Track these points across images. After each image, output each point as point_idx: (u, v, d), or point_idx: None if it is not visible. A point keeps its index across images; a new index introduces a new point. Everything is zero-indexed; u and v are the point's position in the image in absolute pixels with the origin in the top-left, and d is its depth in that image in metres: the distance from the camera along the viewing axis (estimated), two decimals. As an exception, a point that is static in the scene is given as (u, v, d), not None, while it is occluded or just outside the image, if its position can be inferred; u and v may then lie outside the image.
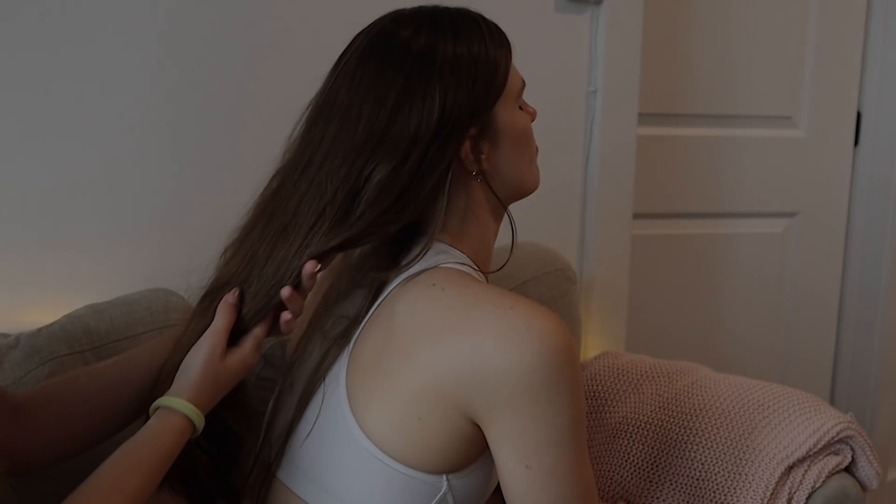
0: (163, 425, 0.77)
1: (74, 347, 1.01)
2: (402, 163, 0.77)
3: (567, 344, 0.73)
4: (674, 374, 1.27)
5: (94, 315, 1.05)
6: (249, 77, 1.26)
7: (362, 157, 0.78)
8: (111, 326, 1.05)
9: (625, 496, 1.18)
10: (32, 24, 1.12)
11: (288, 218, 0.80)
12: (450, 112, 0.78)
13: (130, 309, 1.07)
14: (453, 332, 0.75)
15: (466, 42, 0.80)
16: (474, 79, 0.80)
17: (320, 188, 0.78)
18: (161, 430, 0.77)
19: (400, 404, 0.76)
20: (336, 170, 0.78)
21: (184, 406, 0.77)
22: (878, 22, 1.84)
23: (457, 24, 0.82)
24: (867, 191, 1.91)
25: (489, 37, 0.82)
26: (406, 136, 0.77)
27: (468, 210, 0.84)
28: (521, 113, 0.87)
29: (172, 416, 0.77)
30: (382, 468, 0.78)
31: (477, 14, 0.85)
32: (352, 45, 0.84)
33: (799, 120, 1.85)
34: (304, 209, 0.79)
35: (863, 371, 1.98)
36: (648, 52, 1.60)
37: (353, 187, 0.78)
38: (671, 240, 1.81)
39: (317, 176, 0.79)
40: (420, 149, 0.78)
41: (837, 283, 1.96)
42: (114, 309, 1.07)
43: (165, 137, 1.23)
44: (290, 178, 0.82)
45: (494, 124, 0.82)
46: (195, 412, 0.78)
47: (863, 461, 1.13)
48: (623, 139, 1.58)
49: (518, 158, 0.86)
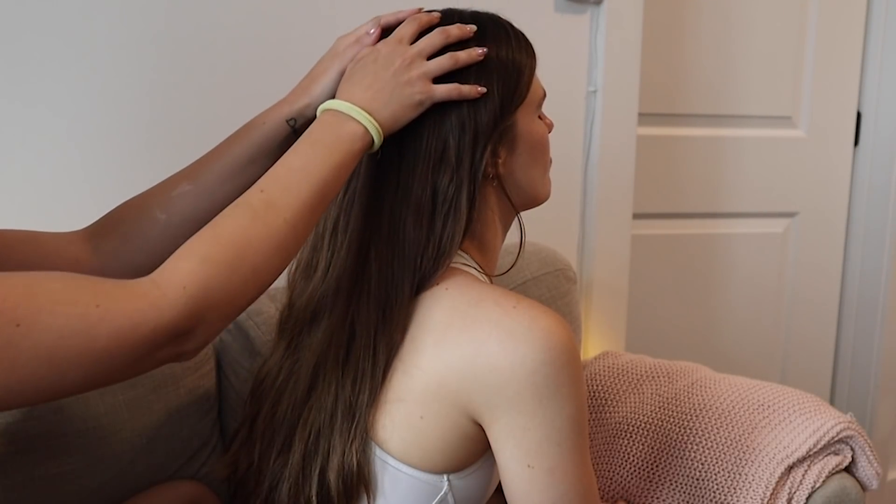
0: (336, 133, 0.72)
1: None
2: (451, 170, 0.78)
3: (570, 344, 0.73)
4: (674, 374, 1.27)
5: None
6: (251, 78, 1.26)
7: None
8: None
9: (625, 496, 1.18)
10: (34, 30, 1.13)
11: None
12: (477, 115, 0.79)
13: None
14: (456, 332, 0.75)
15: (494, 45, 0.81)
16: (501, 82, 0.80)
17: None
18: (335, 137, 0.72)
19: (402, 403, 0.76)
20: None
21: (366, 119, 0.73)
22: (878, 22, 1.84)
23: (485, 27, 0.82)
24: (867, 191, 1.91)
25: (516, 43, 0.83)
26: (443, 144, 0.78)
27: (479, 213, 0.84)
28: (539, 122, 0.87)
29: (350, 126, 0.72)
30: (383, 467, 0.78)
31: (505, 20, 0.85)
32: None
33: (799, 120, 1.85)
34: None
35: (863, 371, 1.98)
36: (648, 52, 1.60)
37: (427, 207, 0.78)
38: (671, 240, 1.81)
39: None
40: (462, 153, 0.78)
41: (837, 283, 1.96)
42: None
43: (165, 137, 1.23)
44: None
45: (514, 130, 0.83)
46: (374, 124, 0.73)
47: (863, 461, 1.13)
48: (623, 139, 1.58)
49: (533, 166, 0.86)
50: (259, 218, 0.66)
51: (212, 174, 0.84)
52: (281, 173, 0.70)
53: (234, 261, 0.63)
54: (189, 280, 0.62)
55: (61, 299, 0.58)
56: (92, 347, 0.58)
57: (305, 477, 0.80)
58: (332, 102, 0.76)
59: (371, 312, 0.78)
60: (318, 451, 0.80)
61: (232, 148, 0.85)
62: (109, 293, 0.60)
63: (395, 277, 0.78)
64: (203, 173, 0.84)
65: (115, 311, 0.59)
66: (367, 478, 0.78)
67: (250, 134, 0.85)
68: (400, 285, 0.77)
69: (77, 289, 0.59)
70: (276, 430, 0.84)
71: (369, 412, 0.77)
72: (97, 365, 0.58)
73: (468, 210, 0.78)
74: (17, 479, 0.93)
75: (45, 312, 0.57)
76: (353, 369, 0.78)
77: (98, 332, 0.58)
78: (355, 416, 0.77)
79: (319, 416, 0.80)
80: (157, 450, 1.02)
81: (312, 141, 0.72)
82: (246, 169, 0.84)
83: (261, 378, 0.90)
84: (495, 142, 0.81)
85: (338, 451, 0.78)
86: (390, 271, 0.78)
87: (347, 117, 0.74)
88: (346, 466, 0.77)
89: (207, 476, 1.07)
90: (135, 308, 0.60)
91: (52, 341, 0.57)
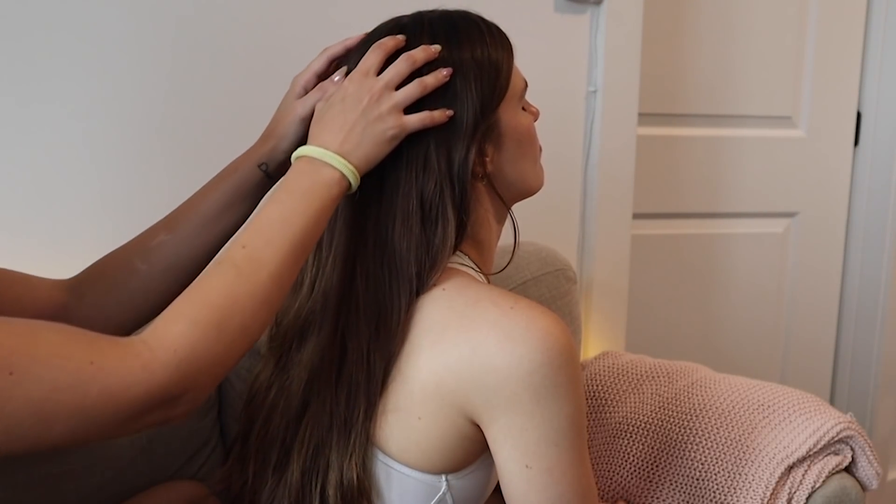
0: (312, 180, 0.72)
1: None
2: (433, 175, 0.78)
3: (567, 344, 0.73)
4: (674, 374, 1.27)
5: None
6: (247, 80, 1.26)
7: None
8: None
9: (625, 496, 1.18)
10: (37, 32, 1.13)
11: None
12: (459, 118, 0.78)
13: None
14: (454, 332, 0.75)
15: (469, 46, 0.80)
16: (480, 81, 0.79)
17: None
18: (311, 184, 0.72)
19: (400, 404, 0.76)
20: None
21: (339, 162, 0.73)
22: (878, 22, 1.84)
23: (457, 28, 0.81)
24: (867, 191, 1.91)
25: (490, 39, 0.82)
26: (425, 150, 0.78)
27: (472, 213, 0.84)
28: (524, 114, 0.86)
29: (325, 172, 0.73)
30: (381, 468, 0.78)
31: (476, 16, 0.84)
32: (354, 56, 0.83)
33: (799, 120, 1.85)
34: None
35: (863, 371, 1.98)
36: (648, 52, 1.60)
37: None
38: (671, 240, 1.81)
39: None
40: (439, 157, 0.78)
41: (837, 283, 1.96)
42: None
43: (165, 138, 1.23)
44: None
45: (498, 127, 0.82)
46: (349, 168, 0.73)
47: (863, 461, 1.13)
48: (623, 139, 1.58)
49: (522, 159, 0.86)
50: (243, 275, 0.66)
51: (189, 223, 0.86)
52: (261, 226, 0.70)
53: (221, 322, 0.64)
54: (179, 343, 0.62)
55: (57, 352, 0.58)
56: (82, 404, 0.58)
57: (305, 495, 0.80)
58: (305, 149, 0.75)
59: (362, 327, 0.77)
60: (316, 468, 0.79)
61: (207, 197, 0.87)
62: (104, 351, 0.60)
63: (386, 290, 0.77)
64: (180, 223, 0.86)
65: (108, 369, 0.59)
66: (368, 490, 0.78)
67: (223, 182, 0.87)
68: (393, 297, 0.77)
69: (74, 343, 0.60)
70: (269, 448, 0.84)
71: (367, 425, 0.77)
72: (84, 422, 0.59)
73: (457, 213, 0.78)
74: (17, 479, 0.93)
75: (40, 363, 0.57)
76: (347, 384, 0.78)
77: (89, 388, 0.58)
78: (351, 432, 0.77)
79: (316, 432, 0.80)
80: (156, 450, 1.02)
81: (290, 190, 0.72)
82: (222, 216, 0.86)
83: (252, 394, 0.89)
84: (480, 141, 0.80)
85: (335, 468, 0.78)
86: (380, 284, 0.77)
87: (322, 163, 0.74)
88: (346, 482, 0.77)
89: (207, 476, 1.07)
90: (127, 369, 0.60)
91: (43, 393, 0.57)
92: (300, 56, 1.27)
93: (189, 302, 0.65)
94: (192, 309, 0.64)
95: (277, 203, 0.71)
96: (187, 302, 0.65)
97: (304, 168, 0.74)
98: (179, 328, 0.62)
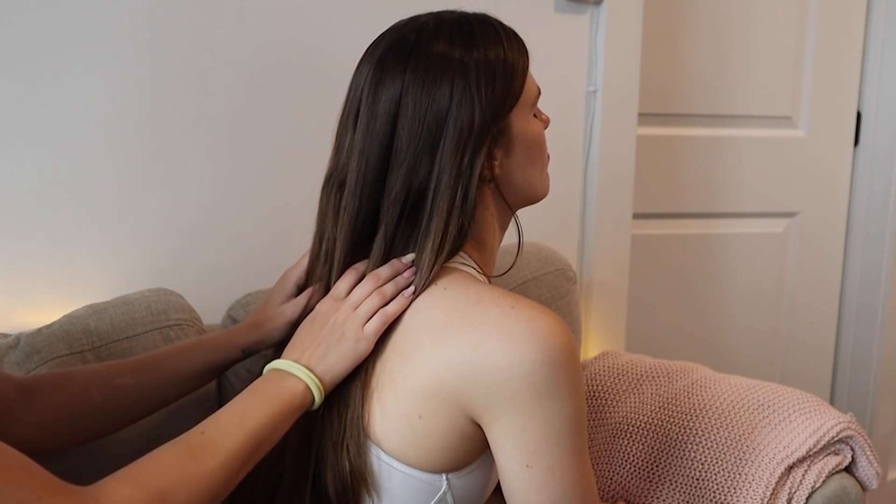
0: (276, 385, 0.77)
1: (74, 347, 1.01)
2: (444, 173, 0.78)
3: (568, 343, 0.73)
4: (674, 374, 1.27)
5: (94, 315, 1.05)
6: (250, 83, 1.26)
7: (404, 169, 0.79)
8: (111, 326, 1.05)
9: (625, 496, 1.18)
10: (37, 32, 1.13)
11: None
12: (471, 120, 0.78)
13: (130, 309, 1.07)
14: (455, 331, 0.75)
15: (484, 48, 0.80)
16: (493, 85, 0.79)
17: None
18: (275, 389, 0.77)
19: (401, 403, 0.76)
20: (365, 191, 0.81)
21: (303, 373, 0.78)
22: (878, 22, 1.84)
23: (475, 30, 0.81)
24: (867, 191, 1.91)
25: (507, 42, 0.82)
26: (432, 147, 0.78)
27: (476, 215, 0.83)
28: (535, 121, 0.86)
29: (290, 381, 0.78)
30: (382, 466, 0.78)
31: (495, 20, 0.84)
32: (369, 54, 0.83)
33: (799, 120, 1.85)
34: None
35: (863, 371, 1.98)
36: (648, 52, 1.60)
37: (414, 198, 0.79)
38: (671, 240, 1.81)
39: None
40: (447, 156, 0.78)
41: (837, 284, 1.97)
42: (114, 309, 1.07)
43: (165, 139, 1.23)
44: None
45: (509, 131, 0.82)
46: (312, 378, 0.78)
47: (863, 461, 1.13)
48: (623, 139, 1.58)
49: (530, 166, 0.86)
50: (196, 458, 0.70)
51: (157, 376, 0.90)
52: (222, 418, 0.74)
53: (167, 495, 0.66)
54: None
55: (12, 477, 0.59)
56: None
57: (301, 486, 0.81)
58: (276, 362, 0.80)
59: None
60: (311, 460, 0.81)
61: (183, 358, 0.91)
62: (55, 492, 0.61)
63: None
64: (148, 372, 0.90)
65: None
66: (365, 481, 0.79)
67: (203, 352, 0.92)
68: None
69: (29, 475, 0.61)
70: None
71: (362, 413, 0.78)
72: None
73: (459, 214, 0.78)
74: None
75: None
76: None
77: None
78: (344, 424, 0.79)
79: (308, 425, 0.81)
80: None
81: (255, 391, 0.77)
82: (192, 381, 0.92)
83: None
84: (490, 145, 0.80)
85: (330, 459, 0.79)
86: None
87: (288, 374, 0.78)
88: (340, 473, 0.79)
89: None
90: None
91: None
92: (306, 59, 1.28)
93: (141, 469, 0.67)
94: (142, 476, 0.66)
95: (241, 401, 0.76)
96: (140, 469, 0.67)
97: (271, 376, 0.79)
98: (128, 491, 0.64)
